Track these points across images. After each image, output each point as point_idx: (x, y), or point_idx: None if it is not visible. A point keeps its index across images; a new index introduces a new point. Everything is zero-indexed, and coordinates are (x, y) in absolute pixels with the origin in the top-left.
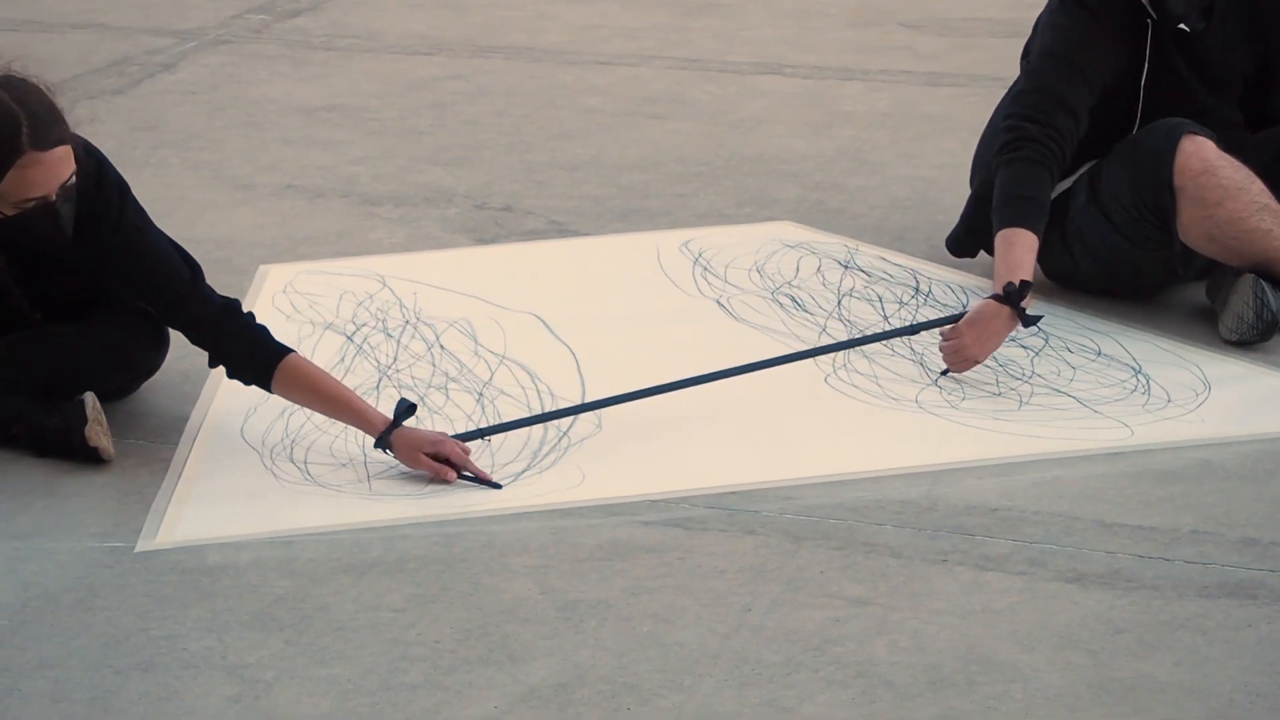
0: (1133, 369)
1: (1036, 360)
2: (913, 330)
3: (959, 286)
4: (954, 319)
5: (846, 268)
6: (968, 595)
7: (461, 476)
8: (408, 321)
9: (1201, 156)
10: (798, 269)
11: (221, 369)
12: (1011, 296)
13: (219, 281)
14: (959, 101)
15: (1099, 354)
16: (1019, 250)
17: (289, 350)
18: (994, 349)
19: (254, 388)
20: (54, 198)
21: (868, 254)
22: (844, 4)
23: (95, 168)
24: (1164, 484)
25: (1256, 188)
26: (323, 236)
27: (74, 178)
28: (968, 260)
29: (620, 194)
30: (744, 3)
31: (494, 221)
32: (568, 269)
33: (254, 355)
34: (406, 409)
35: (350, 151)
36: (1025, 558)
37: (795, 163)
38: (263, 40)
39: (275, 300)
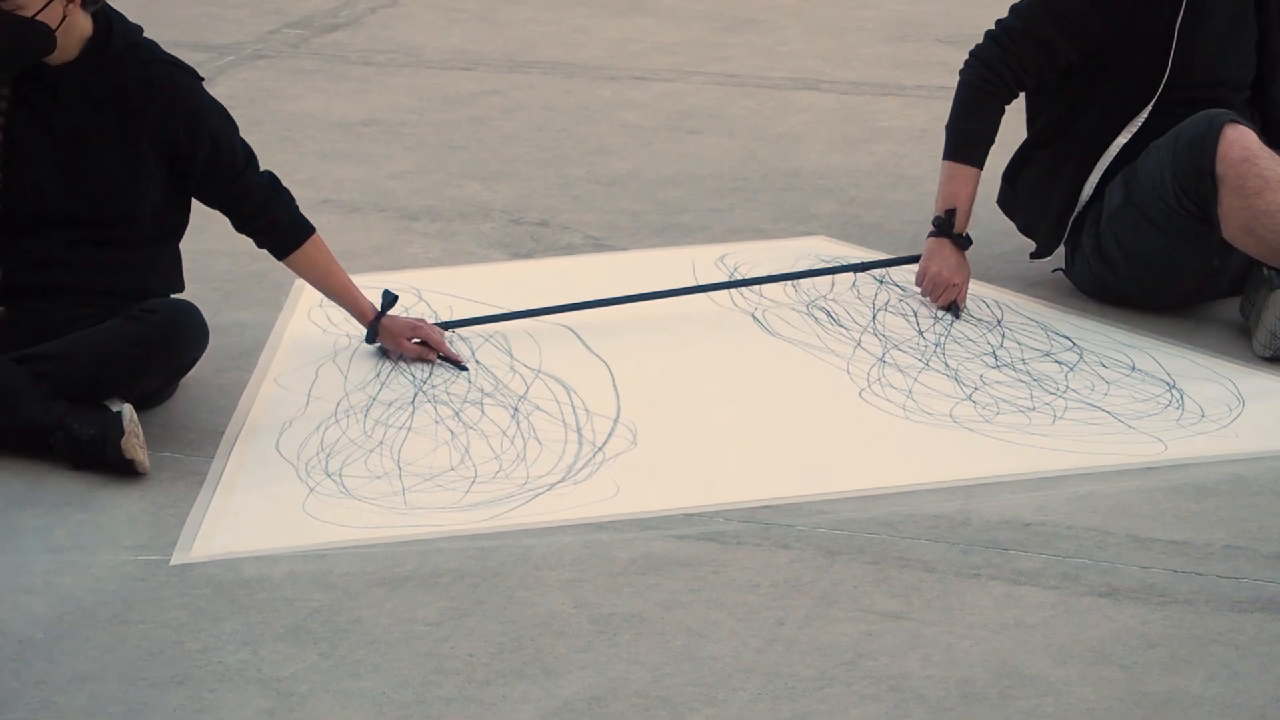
0: (1167, 384)
1: (1071, 375)
2: (863, 267)
3: (993, 301)
4: (911, 259)
5: (881, 282)
6: (1001, 609)
7: (441, 358)
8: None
9: (1244, 145)
10: (833, 283)
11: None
12: (942, 226)
13: (256, 295)
14: None
15: (1133, 369)
16: (956, 183)
17: (311, 232)
18: (964, 273)
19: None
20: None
21: (903, 269)
22: (881, 20)
23: (123, 32)
24: (1197, 499)
25: None
26: (359, 251)
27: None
28: (999, 274)
29: (657, 209)
30: (782, 19)
31: (530, 236)
32: (603, 283)
33: (284, 237)
34: (390, 300)
35: (387, 166)
36: (1058, 572)
37: (832, 178)
38: (300, 55)
39: (311, 314)
